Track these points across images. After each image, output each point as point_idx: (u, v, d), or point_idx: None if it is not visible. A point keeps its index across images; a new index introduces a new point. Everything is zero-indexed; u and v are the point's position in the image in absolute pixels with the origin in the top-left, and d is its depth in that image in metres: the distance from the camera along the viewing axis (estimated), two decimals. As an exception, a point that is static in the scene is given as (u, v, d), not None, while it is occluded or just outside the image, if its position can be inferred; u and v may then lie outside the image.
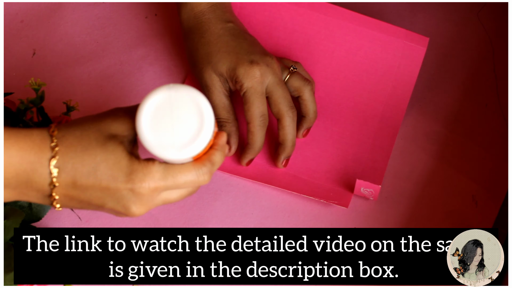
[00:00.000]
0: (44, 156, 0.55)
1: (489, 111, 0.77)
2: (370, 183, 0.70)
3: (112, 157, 0.55)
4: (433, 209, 0.74)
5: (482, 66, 0.79)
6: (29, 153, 0.54)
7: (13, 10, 0.81)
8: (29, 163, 0.54)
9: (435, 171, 0.75)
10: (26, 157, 0.54)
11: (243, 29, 0.74)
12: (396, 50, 0.77)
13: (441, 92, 0.78)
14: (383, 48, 0.77)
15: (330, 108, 0.77)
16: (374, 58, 0.77)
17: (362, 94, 0.76)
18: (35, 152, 0.55)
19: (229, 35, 0.73)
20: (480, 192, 0.74)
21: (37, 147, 0.55)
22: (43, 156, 0.55)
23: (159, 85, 0.77)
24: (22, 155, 0.54)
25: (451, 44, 0.80)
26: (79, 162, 0.55)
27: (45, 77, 0.77)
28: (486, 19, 0.80)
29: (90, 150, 0.55)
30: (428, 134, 0.76)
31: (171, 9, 0.81)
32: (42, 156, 0.55)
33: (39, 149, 0.55)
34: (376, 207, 0.74)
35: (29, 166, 0.54)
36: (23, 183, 0.55)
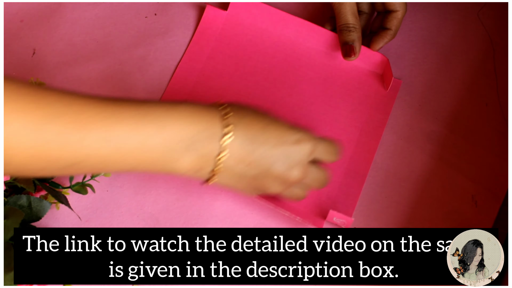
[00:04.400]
0: (217, 115, 0.61)
1: (489, 110, 0.77)
2: (343, 215, 0.70)
3: (278, 121, 0.63)
4: (433, 209, 0.74)
5: (482, 65, 0.79)
6: (203, 113, 0.60)
7: (13, 10, 0.81)
8: (203, 122, 0.60)
9: (435, 171, 0.75)
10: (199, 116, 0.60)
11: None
12: (374, 80, 0.78)
13: (441, 92, 0.78)
14: (362, 77, 0.78)
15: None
16: (352, 86, 0.78)
17: (339, 119, 0.77)
18: (208, 112, 0.60)
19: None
20: (480, 192, 0.74)
21: (208, 109, 0.61)
22: (215, 115, 0.61)
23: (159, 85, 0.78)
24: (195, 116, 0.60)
25: (451, 44, 0.80)
26: (252, 120, 0.62)
27: (45, 76, 0.77)
28: (486, 18, 0.80)
29: (259, 114, 0.63)
30: (428, 134, 0.76)
31: (171, 9, 0.81)
32: (215, 115, 0.60)
33: (211, 110, 0.61)
34: (376, 207, 0.74)
35: (203, 125, 0.60)
36: (196, 142, 0.60)
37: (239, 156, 0.61)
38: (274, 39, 0.79)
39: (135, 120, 0.57)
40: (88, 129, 0.55)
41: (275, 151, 0.62)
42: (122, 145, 0.57)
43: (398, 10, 0.75)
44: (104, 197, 0.74)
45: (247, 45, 0.79)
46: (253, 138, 0.61)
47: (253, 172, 0.62)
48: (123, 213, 0.73)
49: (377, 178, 0.75)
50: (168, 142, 0.58)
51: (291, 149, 0.63)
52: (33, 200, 0.67)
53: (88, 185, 0.71)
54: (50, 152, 0.54)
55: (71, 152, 0.55)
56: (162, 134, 0.58)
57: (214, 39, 0.79)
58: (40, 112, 0.53)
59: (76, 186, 0.70)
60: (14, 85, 0.53)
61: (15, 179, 0.67)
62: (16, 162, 0.54)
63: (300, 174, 0.64)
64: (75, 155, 0.55)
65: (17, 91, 0.53)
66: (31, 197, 0.67)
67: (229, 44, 0.79)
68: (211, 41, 0.79)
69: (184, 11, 0.81)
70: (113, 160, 0.57)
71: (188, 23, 0.81)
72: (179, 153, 0.59)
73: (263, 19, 0.79)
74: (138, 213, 0.73)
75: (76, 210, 0.73)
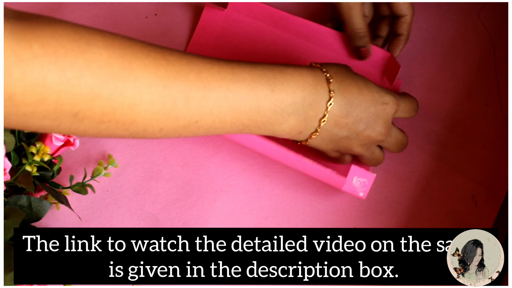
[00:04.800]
0: (322, 79, 0.64)
1: (489, 110, 0.77)
2: (365, 171, 0.69)
3: (369, 83, 0.66)
4: (433, 209, 0.74)
5: (482, 65, 0.79)
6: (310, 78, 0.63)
7: (13, 10, 0.80)
8: (311, 86, 0.63)
9: (435, 171, 0.75)
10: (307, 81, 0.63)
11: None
12: (376, 78, 0.79)
13: (441, 92, 0.78)
14: (364, 75, 0.79)
15: None
16: None
17: None
18: (314, 77, 0.63)
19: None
20: (480, 192, 0.74)
21: (314, 73, 0.64)
22: (321, 79, 0.64)
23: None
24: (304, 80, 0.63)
25: (451, 44, 0.79)
26: (349, 84, 0.65)
27: (45, 77, 0.77)
28: (487, 18, 0.80)
29: (353, 76, 0.66)
30: (428, 134, 0.76)
31: (171, 9, 0.81)
32: (320, 79, 0.64)
33: (316, 75, 0.64)
34: (376, 207, 0.74)
35: (311, 89, 0.63)
36: (305, 105, 0.63)
37: (335, 119, 0.64)
38: (274, 38, 0.79)
39: (250, 81, 0.60)
40: (210, 87, 0.57)
41: (366, 113, 0.65)
42: (239, 104, 0.59)
43: (406, 14, 0.75)
44: (104, 197, 0.74)
45: (247, 44, 0.79)
46: (349, 101, 0.65)
47: (344, 133, 0.66)
48: (123, 213, 0.73)
49: (377, 178, 0.75)
50: (278, 104, 0.61)
51: (380, 111, 0.66)
52: (33, 200, 0.67)
53: (88, 185, 0.71)
54: (174, 109, 0.56)
55: (193, 110, 0.57)
56: (274, 97, 0.61)
57: (214, 38, 0.79)
58: (167, 69, 0.55)
59: (76, 186, 0.70)
60: (138, 44, 0.55)
61: (15, 179, 0.67)
62: (139, 121, 0.55)
63: (385, 135, 0.67)
64: (196, 113, 0.57)
65: (142, 49, 0.54)
66: (31, 197, 0.67)
67: (229, 42, 0.79)
68: (210, 40, 0.79)
69: (184, 11, 0.81)
70: (228, 120, 0.59)
71: (188, 23, 0.81)
72: (286, 116, 0.62)
73: (263, 18, 0.79)
74: (138, 213, 0.73)
75: (76, 210, 0.73)
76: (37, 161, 0.67)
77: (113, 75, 0.52)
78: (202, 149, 0.75)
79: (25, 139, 0.69)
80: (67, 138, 0.69)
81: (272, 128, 0.63)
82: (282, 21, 0.79)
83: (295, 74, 0.63)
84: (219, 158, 0.75)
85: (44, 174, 0.69)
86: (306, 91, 0.63)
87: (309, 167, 0.70)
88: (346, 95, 0.65)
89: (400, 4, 0.74)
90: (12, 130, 0.68)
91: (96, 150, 0.75)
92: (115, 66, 0.52)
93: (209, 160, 0.75)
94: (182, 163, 0.75)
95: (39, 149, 0.67)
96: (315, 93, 0.63)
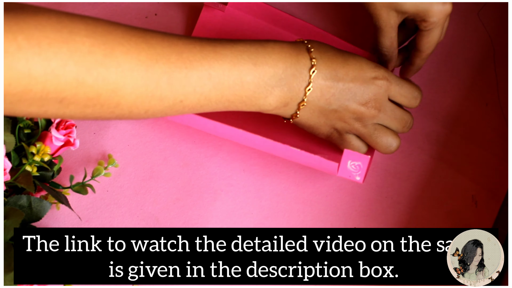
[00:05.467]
0: (303, 49, 0.65)
1: (489, 110, 0.77)
2: (359, 154, 0.68)
3: (357, 56, 0.67)
4: (433, 209, 0.74)
5: (482, 65, 0.79)
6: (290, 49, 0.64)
7: (13, 10, 0.80)
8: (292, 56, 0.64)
9: (435, 171, 0.75)
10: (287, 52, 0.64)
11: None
12: None
13: (441, 92, 0.78)
14: None
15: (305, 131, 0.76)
16: None
17: None
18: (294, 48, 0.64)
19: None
20: (480, 192, 0.74)
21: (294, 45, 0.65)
22: (301, 49, 0.65)
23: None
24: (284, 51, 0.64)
25: (451, 44, 0.79)
26: (334, 55, 0.66)
27: (45, 77, 0.77)
28: (487, 18, 0.80)
29: (337, 50, 0.66)
30: (428, 134, 0.76)
31: (171, 9, 0.81)
32: (301, 49, 0.65)
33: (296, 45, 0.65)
34: (376, 207, 0.74)
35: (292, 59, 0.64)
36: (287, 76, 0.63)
37: (321, 90, 0.65)
38: (275, 36, 0.79)
39: (232, 57, 0.61)
40: (192, 67, 0.59)
41: (353, 85, 0.66)
42: (222, 81, 0.60)
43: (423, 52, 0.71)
44: (104, 197, 0.74)
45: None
46: (334, 72, 0.65)
47: (333, 106, 0.66)
48: (123, 213, 0.73)
49: (377, 178, 0.75)
50: (261, 77, 0.62)
51: (368, 84, 0.66)
52: (33, 200, 0.67)
53: (88, 185, 0.71)
54: (158, 91, 0.57)
55: (177, 90, 0.58)
56: (256, 70, 0.62)
57: (214, 36, 0.79)
58: (148, 52, 0.56)
59: (76, 186, 0.70)
60: (120, 29, 0.56)
61: (15, 179, 0.67)
62: (124, 104, 0.56)
63: (376, 108, 0.67)
64: (180, 92, 0.58)
65: (123, 34, 0.56)
66: (31, 197, 0.67)
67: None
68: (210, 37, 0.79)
69: (184, 11, 0.81)
70: (213, 97, 0.61)
71: (188, 23, 0.81)
72: (270, 88, 0.63)
73: (263, 16, 0.79)
74: (138, 213, 0.73)
75: (76, 210, 0.73)
76: (37, 161, 0.67)
77: (96, 62, 0.54)
78: (202, 149, 0.75)
79: (25, 139, 0.69)
80: (67, 138, 0.69)
81: (258, 102, 0.64)
82: (283, 20, 0.79)
83: (276, 47, 0.64)
84: (219, 158, 0.75)
85: (44, 174, 0.69)
86: (288, 61, 0.63)
87: (301, 155, 0.69)
88: (330, 64, 0.65)
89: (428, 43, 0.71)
90: (12, 130, 0.68)
91: (96, 150, 0.75)
92: (98, 53, 0.54)
93: (209, 160, 0.75)
94: (182, 163, 0.75)
95: (39, 149, 0.67)
96: (297, 63, 0.64)
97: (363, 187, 0.74)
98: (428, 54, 0.72)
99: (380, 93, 0.67)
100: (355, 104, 0.66)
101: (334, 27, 0.80)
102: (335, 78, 0.65)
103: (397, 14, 0.69)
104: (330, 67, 0.65)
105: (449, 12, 0.69)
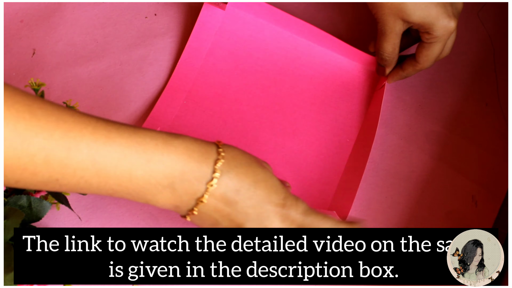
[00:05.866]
0: (211, 158, 0.58)
1: (489, 111, 0.77)
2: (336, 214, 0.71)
3: (270, 180, 0.60)
4: (433, 209, 0.74)
5: (482, 65, 0.79)
6: (196, 154, 0.57)
7: (13, 10, 0.81)
8: (194, 162, 0.57)
9: (435, 171, 0.75)
10: (191, 156, 0.57)
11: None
12: (372, 79, 0.79)
13: (441, 92, 0.78)
14: (361, 76, 0.79)
15: (306, 131, 0.77)
16: (353, 86, 0.78)
17: (338, 119, 0.77)
18: (202, 153, 0.58)
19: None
20: (480, 192, 0.74)
21: (204, 150, 0.58)
22: (209, 157, 0.58)
23: (159, 85, 0.78)
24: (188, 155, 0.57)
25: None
26: (243, 173, 0.58)
27: (45, 77, 0.77)
28: (486, 18, 0.80)
29: (253, 167, 0.59)
30: (428, 134, 0.76)
31: (171, 9, 0.81)
32: (208, 157, 0.58)
33: (206, 152, 0.58)
34: (376, 207, 0.74)
35: (193, 165, 0.57)
36: (182, 181, 0.57)
37: (216, 206, 0.59)
38: (275, 36, 0.79)
39: (125, 147, 0.55)
40: (77, 149, 0.53)
41: (254, 210, 0.60)
42: (108, 170, 0.55)
43: (419, 63, 0.74)
44: (104, 197, 0.74)
45: (248, 41, 0.79)
46: (238, 191, 0.59)
47: (226, 224, 0.61)
48: (123, 213, 0.73)
49: (377, 178, 0.75)
50: (153, 175, 0.56)
51: (270, 212, 0.60)
52: (33, 200, 0.67)
53: (88, 185, 0.71)
54: (31, 166, 0.52)
55: (53, 168, 0.53)
56: (149, 167, 0.56)
57: (214, 34, 0.79)
58: (29, 123, 0.52)
59: (76, 186, 0.70)
60: (8, 91, 0.52)
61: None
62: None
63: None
64: (57, 171, 0.54)
65: (11, 98, 0.52)
66: (31, 197, 0.67)
67: (229, 39, 0.79)
68: (210, 36, 0.79)
69: (184, 11, 0.81)
70: (95, 183, 0.56)
71: (188, 23, 0.81)
72: (161, 188, 0.57)
73: (264, 16, 0.79)
74: (138, 213, 0.73)
75: (76, 210, 0.73)
76: (37, 161, 0.67)
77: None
78: (202, 149, 0.75)
79: (25, 139, 0.69)
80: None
81: (145, 197, 0.58)
82: (283, 19, 0.79)
83: (180, 147, 0.57)
84: (219, 158, 0.75)
85: (44, 174, 0.69)
86: (188, 166, 0.57)
87: None
88: (235, 182, 0.58)
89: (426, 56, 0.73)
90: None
91: (96, 150, 0.75)
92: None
93: (209, 160, 0.75)
94: (182, 163, 0.75)
95: (39, 149, 0.67)
96: (198, 170, 0.57)
97: (363, 187, 0.74)
98: (423, 68, 0.74)
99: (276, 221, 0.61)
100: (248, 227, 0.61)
101: (335, 27, 0.80)
102: (236, 198, 0.59)
103: (403, 23, 0.70)
104: (233, 185, 0.58)
105: (452, 30, 0.70)
